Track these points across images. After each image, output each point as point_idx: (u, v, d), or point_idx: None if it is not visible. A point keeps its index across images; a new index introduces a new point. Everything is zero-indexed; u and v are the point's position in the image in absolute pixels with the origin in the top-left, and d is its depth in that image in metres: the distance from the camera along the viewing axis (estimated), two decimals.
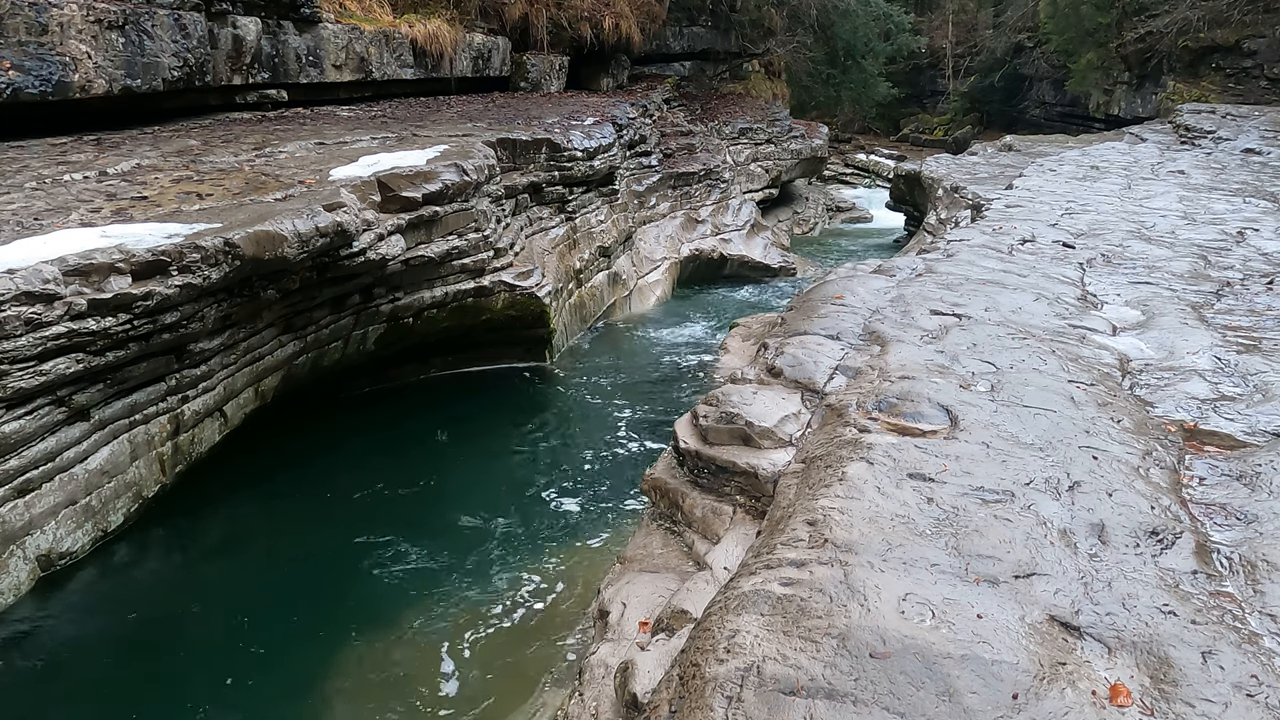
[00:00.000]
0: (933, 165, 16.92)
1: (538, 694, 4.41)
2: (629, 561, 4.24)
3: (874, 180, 27.96)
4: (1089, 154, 15.93)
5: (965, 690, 2.29)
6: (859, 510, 3.14)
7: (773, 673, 2.37)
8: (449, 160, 8.12)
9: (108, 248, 5.04)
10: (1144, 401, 4.44)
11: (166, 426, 5.95)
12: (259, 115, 10.33)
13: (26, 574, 5.04)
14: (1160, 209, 10.19)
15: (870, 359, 4.78)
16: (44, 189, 6.26)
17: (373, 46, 11.87)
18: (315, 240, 6.14)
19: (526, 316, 9.15)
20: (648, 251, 13.68)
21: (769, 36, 22.08)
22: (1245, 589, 2.84)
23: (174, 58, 8.78)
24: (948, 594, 2.67)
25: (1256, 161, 14.11)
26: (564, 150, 10.52)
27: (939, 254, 7.70)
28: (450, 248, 8.09)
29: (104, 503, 5.52)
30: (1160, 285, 6.74)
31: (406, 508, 6.56)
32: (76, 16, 7.74)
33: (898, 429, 3.89)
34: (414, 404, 8.52)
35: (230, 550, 5.98)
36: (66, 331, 4.78)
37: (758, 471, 4.01)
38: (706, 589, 3.47)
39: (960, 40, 36.70)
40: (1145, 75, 23.91)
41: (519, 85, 15.52)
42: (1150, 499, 3.33)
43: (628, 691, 3.08)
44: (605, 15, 15.99)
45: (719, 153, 16.73)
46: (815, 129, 21.60)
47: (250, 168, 7.34)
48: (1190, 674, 2.40)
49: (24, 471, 4.94)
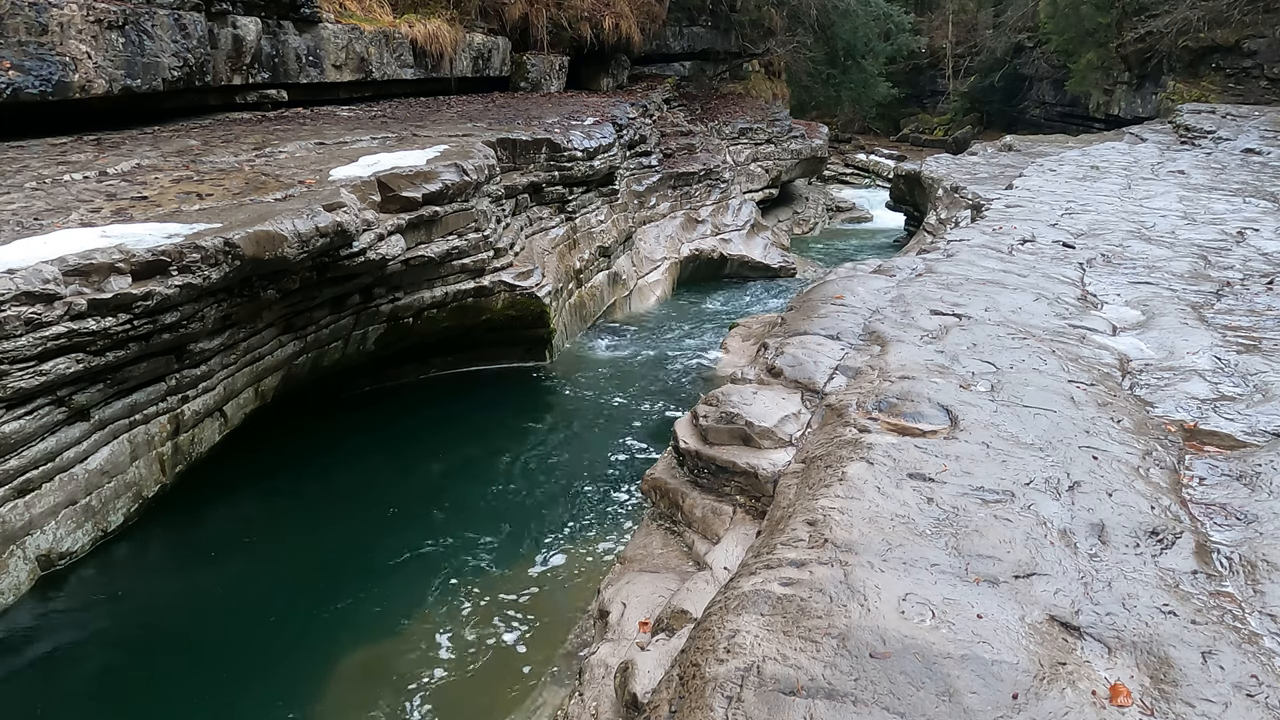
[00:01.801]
0: (933, 165, 16.91)
1: (538, 694, 4.42)
2: (629, 561, 4.24)
3: (874, 180, 27.95)
4: (1089, 154, 15.93)
5: (965, 690, 2.30)
6: (859, 510, 3.14)
7: (773, 673, 2.37)
8: (449, 160, 8.12)
9: (108, 248, 5.04)
10: (1144, 401, 4.44)
11: (166, 426, 5.95)
12: (259, 115, 10.33)
13: (26, 574, 5.04)
14: (1160, 209, 10.19)
15: (870, 359, 4.78)
16: (44, 189, 6.26)
17: (373, 46, 11.87)
18: (315, 240, 6.14)
19: (526, 316, 9.15)
20: (648, 251, 13.67)
21: (769, 36, 22.07)
22: (1245, 589, 2.84)
23: (174, 58, 8.78)
24: (948, 594, 2.68)
25: (1256, 161, 14.11)
26: (564, 150, 10.52)
27: (939, 254, 7.70)
28: (450, 248, 8.09)
29: (104, 503, 5.52)
30: (1160, 285, 6.74)
31: (406, 508, 6.56)
32: (76, 16, 7.74)
33: (898, 429, 3.90)
34: (414, 404, 8.52)
35: (230, 550, 5.98)
36: (66, 331, 4.78)
37: (758, 471, 4.01)
38: (706, 589, 3.47)
39: (960, 40, 36.70)
40: (1145, 75, 23.91)
41: (519, 85, 15.52)
42: (1150, 499, 3.33)
43: (628, 691, 3.08)
44: (605, 15, 15.99)
45: (719, 153, 16.72)
46: (815, 129, 21.60)
47: (250, 168, 7.34)
48: (1190, 674, 2.40)
49: (24, 471, 4.94)
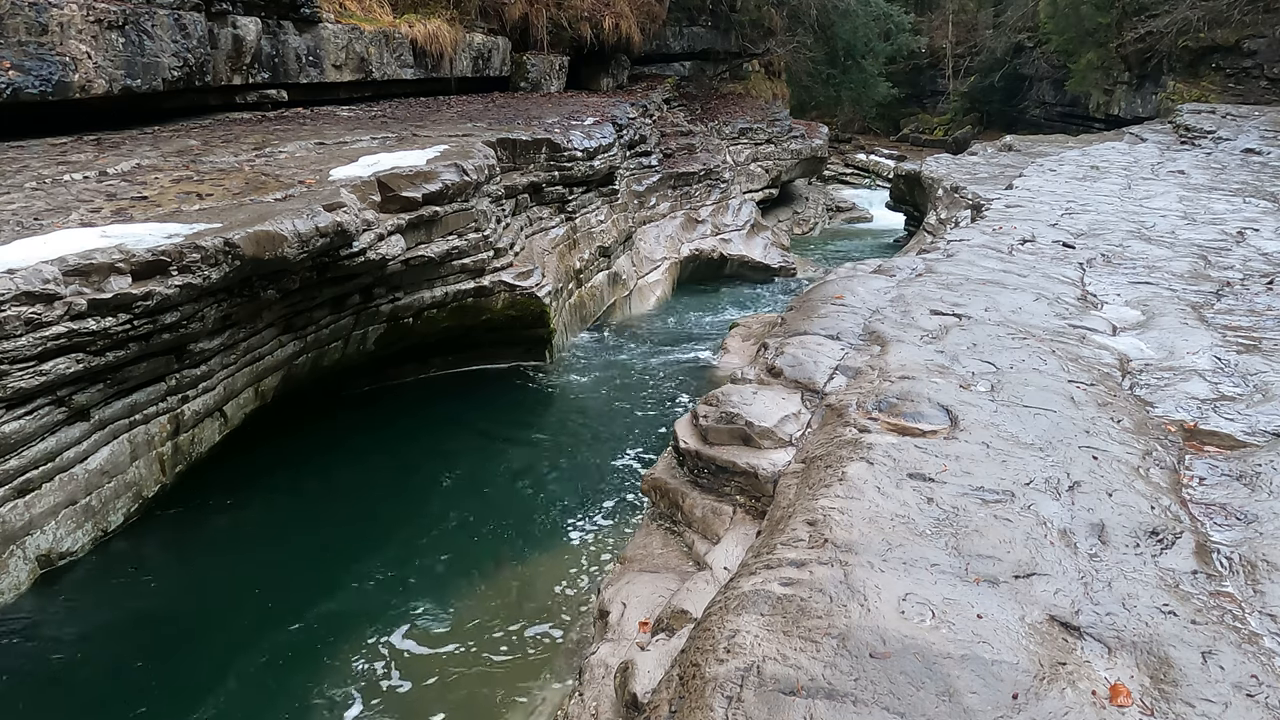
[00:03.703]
0: (933, 165, 16.92)
1: (538, 694, 4.42)
2: (629, 561, 4.24)
3: (874, 180, 27.95)
4: (1089, 154, 15.93)
5: (965, 690, 2.29)
6: (859, 510, 3.14)
7: (773, 673, 2.37)
8: (449, 160, 8.12)
9: (108, 248, 5.04)
10: (1144, 401, 4.44)
11: (166, 426, 5.95)
12: (259, 115, 10.33)
13: (26, 573, 5.04)
14: (1160, 209, 10.19)
15: (870, 359, 4.78)
16: (44, 189, 6.26)
17: (373, 46, 11.87)
18: (315, 240, 6.14)
19: (526, 316, 9.15)
20: (648, 251, 13.67)
21: (769, 36, 22.08)
22: (1245, 589, 2.84)
23: (174, 58, 8.78)
24: (948, 594, 2.67)
25: (1256, 161, 14.11)
26: (564, 150, 10.52)
27: (939, 254, 7.70)
28: (450, 248, 8.09)
29: (104, 503, 5.52)
30: (1160, 285, 6.74)
31: (406, 507, 6.56)
32: (76, 16, 7.73)
33: (898, 429, 3.90)
34: (414, 403, 8.52)
35: (230, 550, 5.98)
36: (66, 331, 4.77)
37: (758, 471, 4.01)
38: (706, 589, 3.47)
39: (960, 40, 36.71)
40: (1145, 75, 23.91)
41: (519, 85, 15.52)
42: (1150, 499, 3.33)
43: (628, 691, 3.08)
44: (605, 15, 15.99)
45: (719, 153, 16.72)
46: (815, 129, 21.61)
47: (250, 168, 7.34)
48: (1190, 674, 2.40)
49: (24, 471, 4.94)
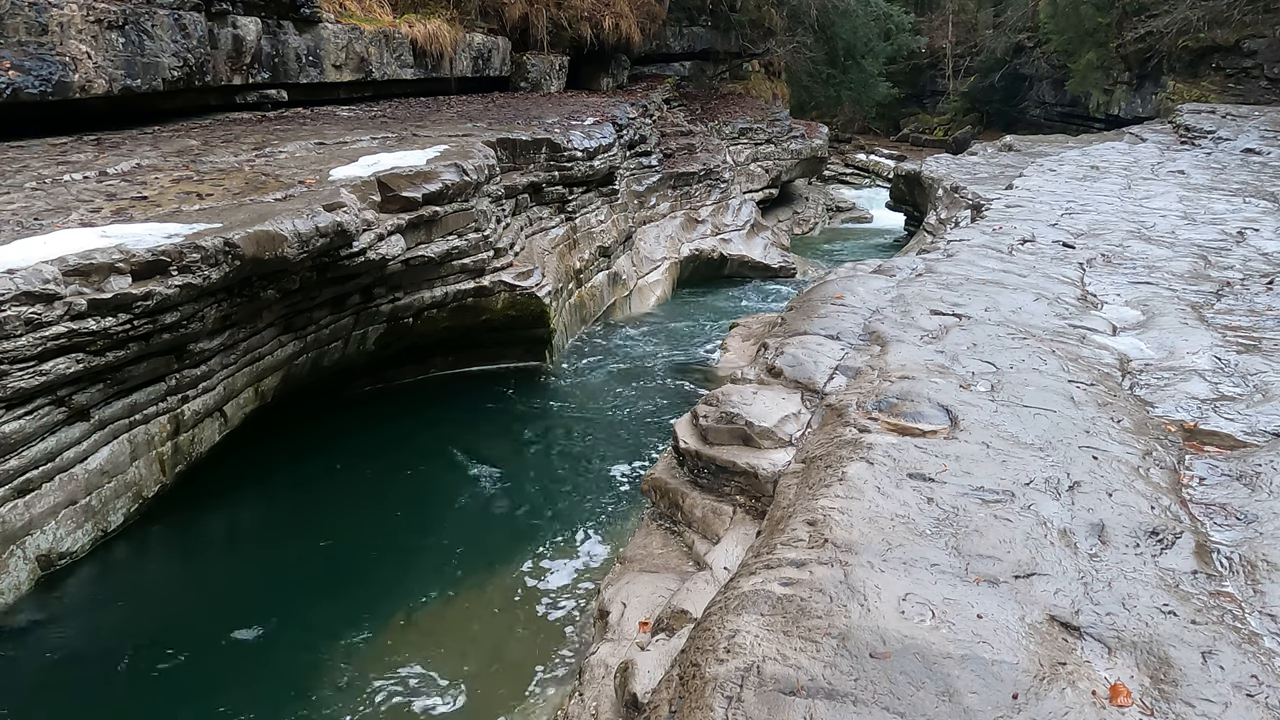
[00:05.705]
0: (933, 165, 16.93)
1: (538, 694, 4.42)
2: (629, 561, 4.24)
3: (874, 180, 27.97)
4: (1089, 154, 15.94)
5: (965, 690, 2.29)
6: (859, 510, 3.14)
7: (773, 673, 2.37)
8: (449, 160, 8.11)
9: (108, 248, 5.04)
10: (1144, 401, 4.44)
11: (166, 426, 5.95)
12: (259, 115, 10.33)
13: (26, 574, 5.04)
14: (1160, 209, 10.20)
15: (870, 359, 4.78)
16: (44, 189, 6.26)
17: (373, 46, 11.86)
18: (315, 240, 6.14)
19: (526, 316, 9.15)
20: (648, 251, 13.67)
21: (769, 36, 22.07)
22: (1245, 589, 2.84)
23: (174, 58, 8.78)
24: (948, 594, 2.67)
25: (1256, 161, 14.11)
26: (564, 150, 10.51)
27: (939, 254, 7.70)
28: (450, 248, 8.09)
29: (104, 503, 5.52)
30: (1160, 285, 6.74)
31: (406, 507, 6.56)
32: (76, 16, 7.73)
33: (898, 429, 3.90)
34: (413, 404, 8.52)
35: (230, 550, 5.98)
36: (66, 331, 4.77)
37: (758, 471, 4.01)
38: (706, 589, 3.47)
39: (960, 40, 36.72)
40: (1145, 75, 23.92)
41: (519, 85, 15.52)
42: (1150, 499, 3.33)
43: (628, 691, 3.08)
44: (605, 15, 15.99)
45: (719, 153, 16.72)
46: (815, 129, 21.61)
47: (250, 168, 7.34)
48: (1190, 674, 2.40)
49: (24, 471, 4.94)
